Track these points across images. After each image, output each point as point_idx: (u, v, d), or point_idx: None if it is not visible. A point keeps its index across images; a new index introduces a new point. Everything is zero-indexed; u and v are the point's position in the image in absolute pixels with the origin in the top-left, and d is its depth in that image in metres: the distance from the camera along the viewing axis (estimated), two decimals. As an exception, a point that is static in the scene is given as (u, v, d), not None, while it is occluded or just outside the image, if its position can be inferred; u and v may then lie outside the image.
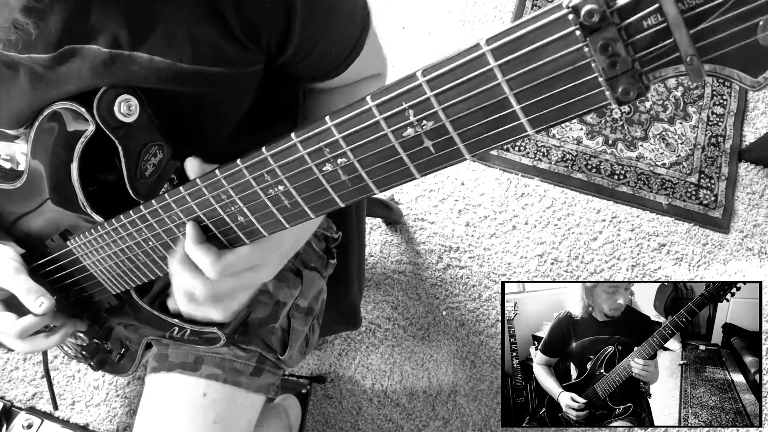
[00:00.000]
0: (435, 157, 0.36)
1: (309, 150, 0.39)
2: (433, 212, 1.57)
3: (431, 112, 0.34)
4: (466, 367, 1.43)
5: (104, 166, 0.54)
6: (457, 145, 0.35)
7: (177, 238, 0.51)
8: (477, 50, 0.31)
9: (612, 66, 0.29)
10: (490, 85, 0.32)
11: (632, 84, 0.29)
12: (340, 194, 0.41)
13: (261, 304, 0.78)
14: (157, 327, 0.64)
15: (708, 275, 1.50)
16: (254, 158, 0.42)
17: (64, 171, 0.54)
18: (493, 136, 0.33)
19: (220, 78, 0.53)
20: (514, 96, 0.31)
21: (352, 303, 1.18)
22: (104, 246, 0.58)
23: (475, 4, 1.79)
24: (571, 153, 1.63)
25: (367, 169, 0.38)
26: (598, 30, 0.28)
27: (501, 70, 0.31)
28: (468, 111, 0.33)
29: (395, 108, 0.35)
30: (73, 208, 0.56)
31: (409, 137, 0.36)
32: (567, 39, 0.29)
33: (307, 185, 0.42)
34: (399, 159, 0.37)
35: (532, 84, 0.31)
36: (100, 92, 0.50)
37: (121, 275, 0.60)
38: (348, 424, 1.38)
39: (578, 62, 0.29)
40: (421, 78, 0.33)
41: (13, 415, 1.33)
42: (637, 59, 0.28)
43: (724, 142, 1.63)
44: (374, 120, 0.36)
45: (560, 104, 0.31)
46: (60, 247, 0.63)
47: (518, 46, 0.30)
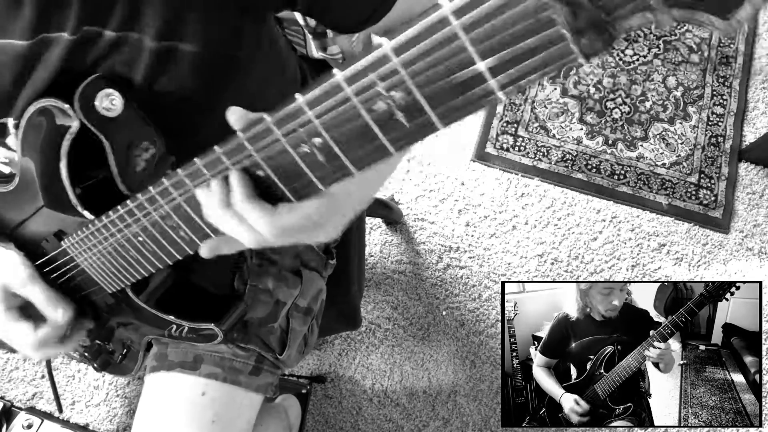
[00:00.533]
0: (408, 131, 0.35)
1: (283, 131, 0.39)
2: (433, 212, 1.57)
3: (399, 81, 0.33)
4: (466, 367, 1.43)
5: (95, 163, 0.54)
6: (428, 114, 0.34)
7: (164, 231, 0.51)
8: (438, 10, 0.30)
9: (575, 17, 0.28)
10: (454, 47, 0.31)
11: (598, 35, 0.28)
12: (318, 176, 0.41)
13: (260, 303, 0.78)
14: (155, 325, 0.64)
15: (708, 275, 1.50)
16: (232, 144, 0.42)
17: (54, 169, 0.53)
18: (463, 101, 0.33)
19: (215, 60, 0.52)
20: (479, 55, 0.31)
21: (352, 303, 1.19)
22: (96, 243, 0.57)
23: None
24: (571, 153, 1.63)
25: (342, 147, 0.38)
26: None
27: (463, 29, 0.30)
28: (435, 77, 0.32)
29: (362, 78, 0.34)
30: (66, 208, 0.56)
31: (380, 110, 0.35)
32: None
33: (288, 171, 0.41)
34: (373, 134, 0.36)
35: (496, 41, 0.30)
36: (81, 87, 0.50)
37: (116, 273, 0.60)
38: (348, 424, 1.38)
39: (541, 15, 0.28)
40: (386, 46, 0.33)
41: (13, 415, 1.33)
42: (600, 7, 0.27)
43: (724, 142, 1.63)
44: (344, 95, 0.35)
45: (526, 61, 0.30)
46: (55, 248, 0.62)
47: (479, 2, 0.29)
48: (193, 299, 0.65)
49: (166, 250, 0.53)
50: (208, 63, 0.54)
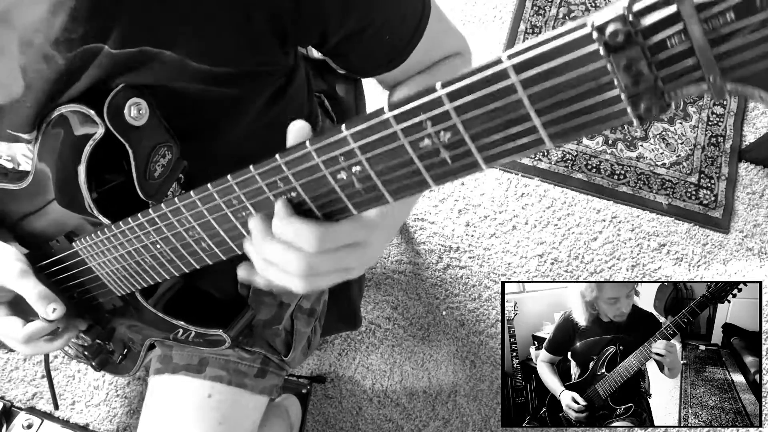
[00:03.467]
0: (451, 168, 0.36)
1: (323, 158, 0.39)
2: (433, 212, 1.57)
3: (450, 125, 0.34)
4: (466, 367, 1.43)
5: (112, 168, 0.54)
6: (474, 156, 0.35)
7: (186, 243, 0.51)
8: (498, 65, 0.31)
9: (635, 84, 0.29)
10: (510, 100, 0.32)
11: (654, 101, 0.29)
12: (354, 202, 0.41)
13: (265, 305, 0.78)
14: (161, 329, 0.64)
15: (708, 275, 1.50)
16: (268, 165, 0.42)
17: (71, 173, 0.54)
18: (512, 149, 0.34)
19: (236, 77, 0.53)
20: (535, 111, 0.31)
21: (352, 303, 1.19)
22: (111, 248, 0.57)
23: (475, 4, 1.79)
24: (571, 153, 1.63)
25: (382, 178, 0.39)
26: (622, 49, 0.28)
27: (522, 84, 0.31)
28: (487, 124, 0.33)
29: (413, 118, 0.35)
30: (80, 210, 0.56)
31: (426, 148, 0.36)
32: (590, 56, 0.29)
33: (322, 195, 0.42)
34: (415, 169, 0.37)
35: (553, 99, 0.31)
36: (111, 95, 0.50)
37: (128, 278, 0.60)
38: (348, 424, 1.38)
39: (600, 79, 0.29)
40: (440, 90, 0.33)
41: (13, 415, 1.33)
42: (659, 78, 0.28)
43: (724, 142, 1.63)
44: (391, 130, 0.36)
45: (581, 120, 0.31)
46: (65, 249, 0.62)
47: (540, 61, 0.30)
48: (200, 304, 0.65)
49: (186, 260, 0.53)
50: (235, 79, 0.54)
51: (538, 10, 1.78)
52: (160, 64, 0.50)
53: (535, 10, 1.78)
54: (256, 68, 0.54)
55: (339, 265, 0.45)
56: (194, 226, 0.49)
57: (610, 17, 0.28)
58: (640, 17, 0.27)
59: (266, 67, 0.56)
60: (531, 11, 1.78)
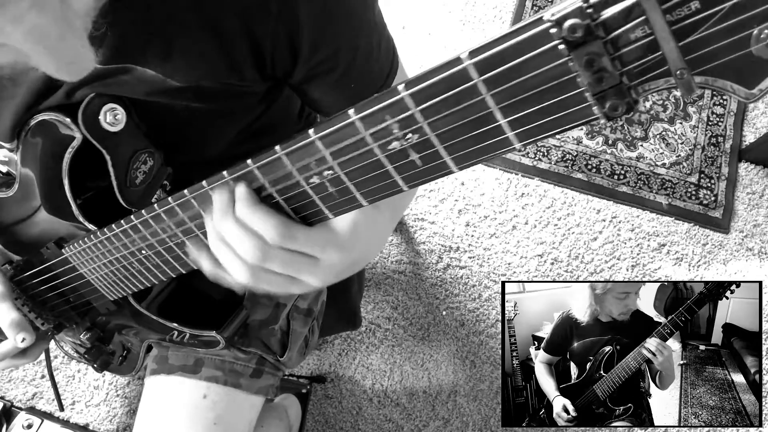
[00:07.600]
0: (422, 170, 0.35)
1: (296, 164, 0.39)
2: (433, 212, 1.57)
3: (416, 126, 0.33)
4: (466, 367, 1.43)
5: (95, 174, 0.54)
6: (444, 158, 0.34)
7: (170, 248, 0.51)
8: (459, 63, 0.30)
9: (598, 81, 0.27)
10: (474, 100, 0.31)
11: (620, 99, 0.28)
12: (329, 206, 0.41)
13: (261, 305, 0.78)
14: (156, 330, 0.64)
15: (708, 275, 1.50)
16: (240, 170, 0.42)
17: (55, 180, 0.53)
18: (480, 150, 0.33)
19: (217, 94, 0.52)
20: (500, 110, 0.31)
21: (352, 303, 1.19)
22: (99, 255, 0.57)
23: (475, 4, 1.79)
24: (571, 153, 1.63)
25: (354, 182, 0.38)
26: (583, 44, 0.27)
27: (485, 84, 0.30)
28: (453, 125, 0.32)
29: (379, 122, 0.34)
30: (66, 216, 0.56)
31: (394, 150, 0.35)
32: (551, 53, 0.28)
33: (295, 197, 0.41)
34: (386, 172, 0.37)
35: (518, 98, 0.30)
36: (85, 102, 0.49)
37: (118, 282, 0.60)
38: (348, 424, 1.38)
39: (563, 77, 0.28)
40: (403, 92, 0.32)
41: (13, 415, 1.33)
42: (624, 73, 0.27)
43: (724, 142, 1.63)
44: (360, 135, 0.35)
45: (547, 118, 0.30)
46: (55, 255, 0.63)
47: (502, 59, 0.29)
48: (195, 305, 0.65)
49: (171, 264, 0.53)
50: (215, 94, 0.54)
51: (538, 10, 1.78)
52: (137, 80, 0.49)
53: (535, 11, 1.78)
54: (240, 86, 0.54)
55: (289, 269, 0.43)
56: (176, 233, 0.49)
57: (567, 11, 0.26)
58: (599, 10, 0.26)
59: (248, 87, 0.55)
60: (531, 11, 1.78)
